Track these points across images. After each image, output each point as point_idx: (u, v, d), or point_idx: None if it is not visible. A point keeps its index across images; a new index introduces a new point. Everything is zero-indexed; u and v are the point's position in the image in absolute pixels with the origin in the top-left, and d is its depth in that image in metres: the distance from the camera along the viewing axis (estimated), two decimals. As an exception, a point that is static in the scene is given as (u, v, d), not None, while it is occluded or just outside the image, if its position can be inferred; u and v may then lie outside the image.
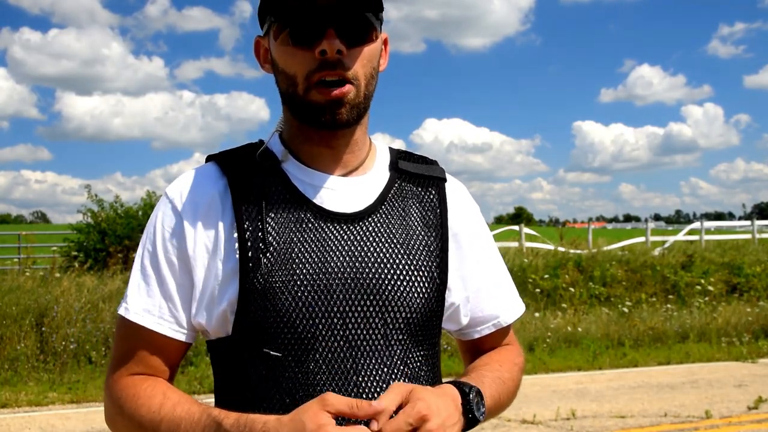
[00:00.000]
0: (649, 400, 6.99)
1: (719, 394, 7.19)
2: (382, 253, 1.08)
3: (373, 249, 1.08)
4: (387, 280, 1.07)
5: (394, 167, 1.18)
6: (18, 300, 8.49)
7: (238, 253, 1.04)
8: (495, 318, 1.23)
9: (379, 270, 1.07)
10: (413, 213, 1.15)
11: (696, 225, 20.15)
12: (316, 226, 1.07)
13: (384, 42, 1.15)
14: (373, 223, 1.10)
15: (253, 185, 1.08)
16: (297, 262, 1.04)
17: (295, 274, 1.03)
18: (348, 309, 1.04)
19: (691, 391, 7.41)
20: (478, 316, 1.21)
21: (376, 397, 1.04)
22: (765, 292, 13.09)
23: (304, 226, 1.07)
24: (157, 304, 1.08)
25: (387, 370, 1.06)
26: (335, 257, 1.05)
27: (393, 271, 1.08)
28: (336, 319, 1.04)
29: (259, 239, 1.04)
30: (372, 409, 0.91)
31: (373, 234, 1.09)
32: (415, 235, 1.13)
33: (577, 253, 14.20)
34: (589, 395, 7.21)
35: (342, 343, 1.04)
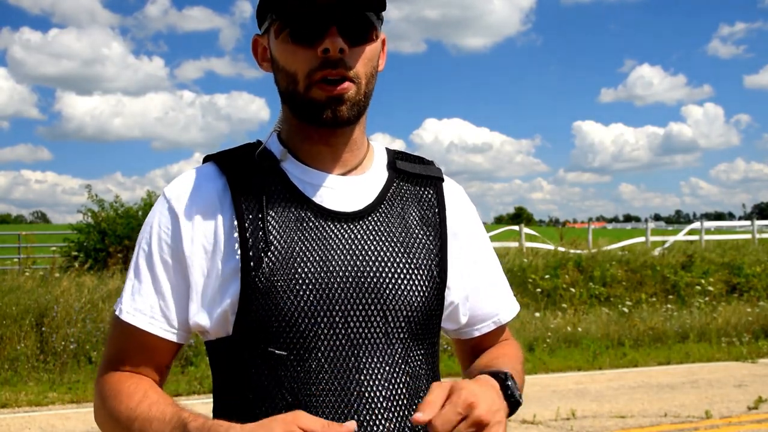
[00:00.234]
0: (649, 400, 6.99)
1: (719, 394, 7.19)
2: (382, 251, 1.08)
3: (373, 248, 1.08)
4: (387, 278, 1.07)
5: (392, 167, 1.18)
6: (18, 300, 8.49)
7: (240, 252, 1.04)
8: (494, 316, 1.23)
9: (380, 269, 1.07)
10: (412, 212, 1.15)
11: (696, 225, 20.15)
12: (317, 224, 1.07)
13: (382, 42, 1.15)
14: (373, 222, 1.10)
15: (252, 184, 1.08)
16: (298, 260, 1.04)
17: (297, 272, 1.03)
18: (349, 307, 1.04)
19: (691, 391, 7.41)
20: (477, 315, 1.22)
21: (377, 394, 1.04)
22: (765, 292, 13.10)
23: (305, 225, 1.07)
24: (150, 304, 1.07)
25: (389, 368, 1.06)
26: (336, 256, 1.05)
27: (393, 269, 1.08)
28: (338, 318, 1.04)
29: (261, 238, 1.04)
30: (344, 428, 0.89)
31: (374, 233, 1.09)
32: (415, 234, 1.13)
33: (577, 253, 14.21)
34: (589, 395, 7.21)
35: (344, 341, 1.04)
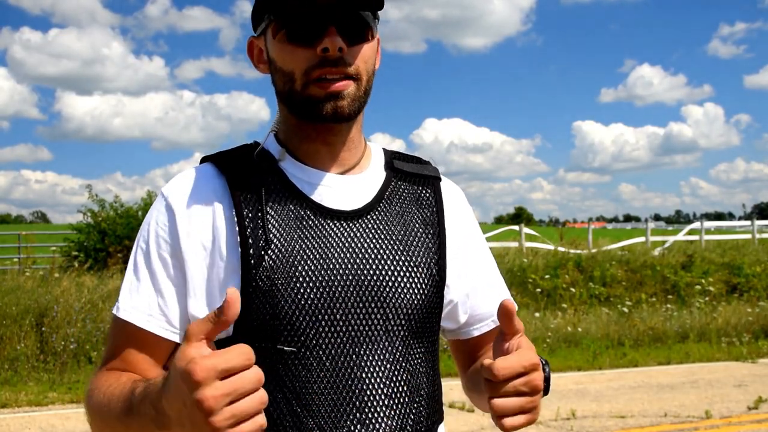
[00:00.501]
0: (649, 400, 7.00)
1: (719, 394, 7.19)
2: (381, 250, 1.09)
3: (372, 246, 1.08)
4: (387, 276, 1.07)
5: (389, 167, 1.19)
6: (18, 300, 8.50)
7: (240, 250, 1.04)
8: (493, 315, 1.23)
9: (380, 267, 1.07)
10: (411, 211, 1.15)
11: (696, 225, 20.16)
12: (317, 223, 1.07)
13: (377, 42, 1.16)
14: (372, 221, 1.10)
15: (251, 183, 1.08)
16: (299, 258, 1.04)
17: (297, 270, 1.03)
18: (350, 305, 1.04)
19: (691, 391, 7.41)
20: (477, 314, 1.22)
21: (378, 391, 1.04)
22: (765, 292, 13.10)
23: (305, 223, 1.07)
24: (147, 302, 1.06)
25: (389, 366, 1.06)
26: (336, 254, 1.06)
27: (393, 268, 1.08)
28: (338, 315, 1.04)
29: (261, 236, 1.04)
30: (229, 305, 0.79)
31: (373, 231, 1.10)
32: (414, 233, 1.13)
33: (577, 253, 14.22)
34: (589, 395, 7.21)
35: (345, 339, 1.04)
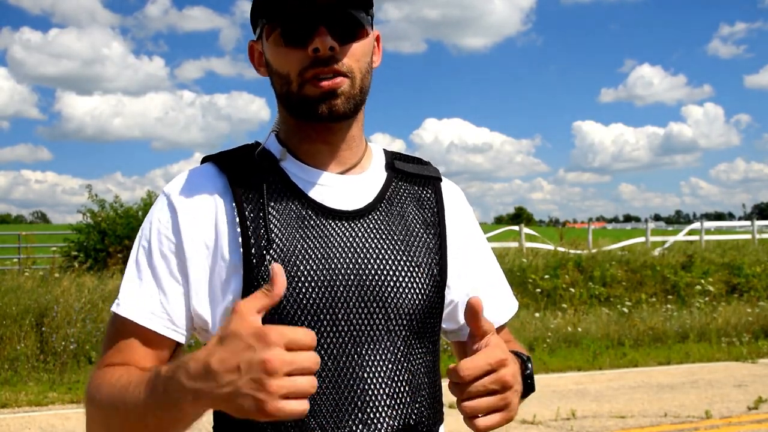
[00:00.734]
0: (649, 400, 7.00)
1: (719, 394, 7.19)
2: (383, 249, 1.09)
3: (373, 246, 1.09)
4: (388, 276, 1.07)
5: (390, 167, 1.19)
6: (18, 300, 8.50)
7: (242, 249, 1.04)
8: (494, 316, 1.23)
9: (381, 267, 1.07)
10: (411, 211, 1.16)
11: (696, 225, 20.17)
12: (318, 222, 1.08)
13: (377, 39, 1.16)
14: (372, 221, 1.11)
15: (252, 183, 1.09)
16: (300, 258, 1.04)
17: (299, 270, 1.03)
18: (351, 305, 1.05)
19: (691, 391, 7.41)
20: None
21: (380, 391, 1.05)
22: (765, 292, 13.11)
23: (306, 223, 1.07)
24: (150, 300, 1.05)
25: (390, 366, 1.06)
26: (337, 254, 1.06)
27: (394, 267, 1.08)
28: (340, 315, 1.04)
29: (262, 236, 1.04)
30: (276, 278, 0.85)
31: (374, 231, 1.10)
32: (414, 233, 1.13)
33: (577, 253, 14.22)
34: (589, 395, 7.21)
35: (346, 338, 1.04)
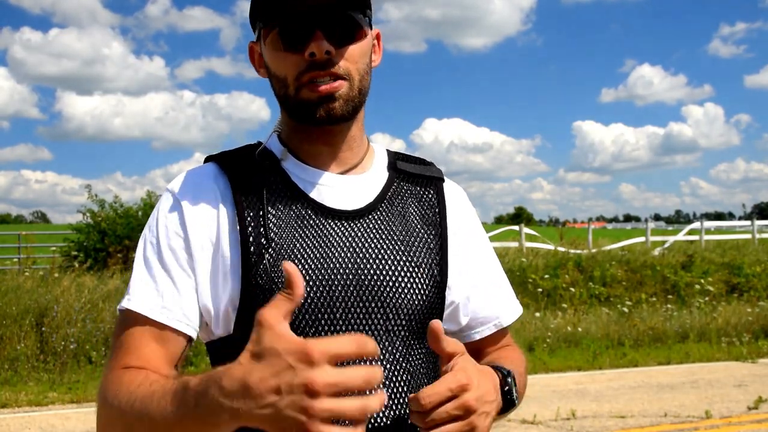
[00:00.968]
0: (649, 400, 7.00)
1: (719, 394, 7.19)
2: (382, 250, 1.09)
3: (373, 246, 1.08)
4: (388, 277, 1.07)
5: (392, 167, 1.19)
6: (18, 300, 8.50)
7: (240, 249, 1.04)
8: (495, 318, 1.22)
9: (380, 267, 1.07)
10: (413, 212, 1.15)
11: (696, 225, 20.17)
12: (317, 222, 1.08)
13: (377, 38, 1.15)
14: (373, 221, 1.11)
15: (253, 183, 1.09)
16: (299, 258, 1.04)
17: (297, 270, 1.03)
18: (350, 305, 1.04)
19: (691, 391, 7.41)
20: (478, 317, 1.21)
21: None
22: (765, 292, 13.10)
23: (305, 223, 1.07)
24: (161, 295, 1.05)
25: (390, 366, 1.06)
26: (336, 254, 1.06)
27: (394, 268, 1.08)
28: (338, 315, 1.04)
29: (261, 235, 1.04)
30: (291, 278, 0.78)
31: (374, 231, 1.10)
32: (415, 234, 1.13)
33: (577, 253, 14.22)
34: (589, 395, 7.21)
35: None
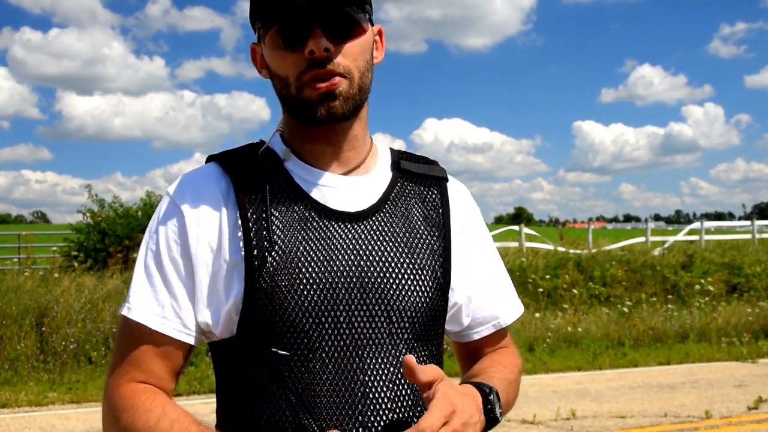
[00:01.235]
0: (649, 400, 6.99)
1: (719, 394, 7.19)
2: (386, 252, 1.08)
3: (377, 248, 1.08)
4: (391, 279, 1.07)
5: (396, 167, 1.18)
6: (18, 300, 8.49)
7: (243, 251, 1.04)
8: (495, 319, 1.22)
9: (384, 269, 1.07)
10: (416, 212, 1.15)
11: (696, 225, 20.15)
12: (321, 224, 1.07)
13: (379, 34, 1.15)
14: (376, 223, 1.10)
15: (255, 183, 1.08)
16: (302, 260, 1.03)
17: (301, 272, 1.03)
18: (353, 307, 1.04)
19: (691, 391, 7.41)
20: (477, 317, 1.21)
21: (381, 394, 1.04)
22: (765, 292, 13.10)
23: (309, 225, 1.06)
24: (161, 304, 1.05)
25: (393, 369, 1.05)
26: (340, 256, 1.05)
27: (397, 270, 1.08)
28: (342, 318, 1.03)
29: (264, 237, 1.04)
30: None
31: (377, 233, 1.09)
32: (419, 235, 1.13)
33: (577, 253, 14.22)
34: (589, 395, 7.21)
35: (348, 341, 1.03)
